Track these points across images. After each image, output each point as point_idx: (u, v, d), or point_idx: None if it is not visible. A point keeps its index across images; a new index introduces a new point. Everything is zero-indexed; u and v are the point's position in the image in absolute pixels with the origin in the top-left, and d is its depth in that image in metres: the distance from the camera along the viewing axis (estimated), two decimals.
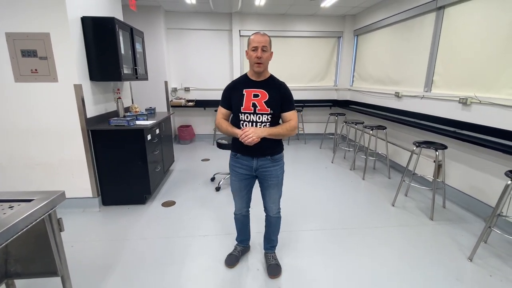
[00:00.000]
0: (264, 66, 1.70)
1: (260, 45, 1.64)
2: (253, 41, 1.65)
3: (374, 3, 4.83)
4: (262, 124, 1.72)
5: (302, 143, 6.02)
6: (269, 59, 1.72)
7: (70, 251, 2.24)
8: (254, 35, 1.67)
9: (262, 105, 1.70)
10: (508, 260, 2.17)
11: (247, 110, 1.71)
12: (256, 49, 1.64)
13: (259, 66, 1.68)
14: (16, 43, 2.46)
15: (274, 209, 1.96)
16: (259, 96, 1.71)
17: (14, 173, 2.76)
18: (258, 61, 1.66)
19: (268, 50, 1.68)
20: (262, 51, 1.64)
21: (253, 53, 1.65)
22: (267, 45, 1.66)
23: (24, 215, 1.09)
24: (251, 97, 1.71)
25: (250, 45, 1.67)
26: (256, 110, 1.70)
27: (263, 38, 1.65)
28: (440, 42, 3.41)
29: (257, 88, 1.73)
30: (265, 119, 1.72)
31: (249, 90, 1.73)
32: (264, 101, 1.70)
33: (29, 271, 1.35)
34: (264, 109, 1.70)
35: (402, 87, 4.19)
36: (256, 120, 1.72)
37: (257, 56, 1.64)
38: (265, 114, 1.71)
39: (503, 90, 2.66)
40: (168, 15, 5.45)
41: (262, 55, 1.65)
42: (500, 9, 2.67)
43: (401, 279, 1.97)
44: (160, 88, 5.44)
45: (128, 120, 2.87)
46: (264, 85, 1.74)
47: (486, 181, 2.79)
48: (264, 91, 1.72)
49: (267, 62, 1.70)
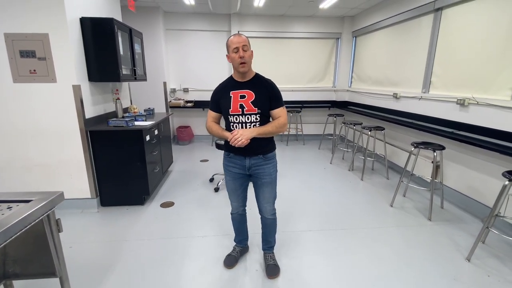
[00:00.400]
0: (248, 65, 1.71)
1: (240, 45, 1.65)
2: (233, 43, 1.66)
3: (372, 5, 4.86)
4: (252, 124, 1.73)
5: (300, 144, 6.03)
6: (251, 57, 1.73)
7: (68, 252, 2.24)
8: (231, 37, 1.69)
9: (249, 106, 1.71)
10: (505, 261, 2.18)
11: (235, 112, 1.73)
12: (237, 50, 1.65)
13: (243, 66, 1.69)
14: (15, 43, 2.46)
15: (269, 210, 1.96)
16: (245, 97, 1.72)
17: (12, 174, 2.76)
18: (242, 61, 1.67)
19: (249, 49, 1.69)
20: (243, 50, 1.66)
21: (235, 55, 1.66)
22: (247, 44, 1.68)
23: (22, 215, 1.09)
24: (238, 98, 1.73)
25: (230, 48, 1.67)
26: (244, 111, 1.72)
27: (241, 38, 1.67)
28: (438, 43, 3.43)
29: (243, 89, 1.74)
30: (254, 119, 1.73)
31: (235, 92, 1.74)
32: (251, 101, 1.71)
33: (28, 272, 1.35)
34: (251, 109, 1.71)
35: (400, 88, 4.21)
36: (245, 121, 1.73)
37: (240, 56, 1.65)
38: (253, 114, 1.72)
39: (500, 91, 2.67)
40: (167, 16, 5.46)
41: (244, 54, 1.66)
42: (497, 11, 2.69)
43: (399, 279, 1.98)
44: (158, 88, 5.44)
45: (126, 121, 2.86)
46: (250, 85, 1.75)
47: (484, 181, 2.81)
48: (250, 91, 1.73)
49: (250, 61, 1.71)
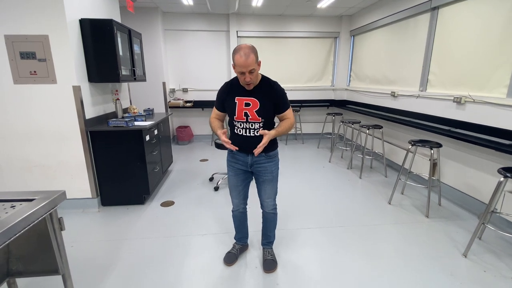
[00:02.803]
0: (254, 83, 1.72)
1: (247, 70, 1.58)
2: (239, 66, 1.57)
3: (370, 4, 4.88)
4: (256, 131, 1.78)
5: (300, 143, 6.06)
6: (258, 76, 1.72)
7: (70, 251, 2.26)
8: (237, 58, 1.56)
9: (253, 115, 1.74)
10: (502, 256, 2.21)
11: (239, 119, 1.77)
12: (243, 74, 1.60)
13: (249, 86, 1.71)
14: (15, 45, 2.48)
15: (270, 205, 1.99)
16: (250, 105, 1.74)
17: (12, 175, 2.78)
18: (247, 83, 1.67)
19: (256, 68, 1.62)
20: (250, 73, 1.60)
21: (241, 76, 1.63)
22: (254, 66, 1.59)
23: (25, 214, 1.11)
24: (243, 106, 1.75)
25: (236, 68, 1.60)
26: (248, 119, 1.76)
27: (248, 61, 1.55)
28: (435, 42, 3.46)
29: (248, 96, 1.75)
30: (257, 126, 1.78)
31: (240, 98, 1.76)
32: (255, 110, 1.73)
33: (31, 269, 1.37)
34: (255, 118, 1.75)
35: (398, 86, 4.24)
36: (249, 127, 1.79)
37: (246, 80, 1.64)
38: (257, 122, 1.76)
39: (496, 89, 2.70)
40: (165, 16, 5.48)
41: (251, 77, 1.62)
42: (492, 10, 2.72)
43: (397, 275, 2.01)
44: (158, 89, 5.46)
45: (126, 121, 2.89)
46: (255, 93, 1.74)
47: (480, 178, 2.84)
48: (256, 99, 1.73)
49: (256, 80, 1.71)
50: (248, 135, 1.80)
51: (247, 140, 1.80)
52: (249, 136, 1.80)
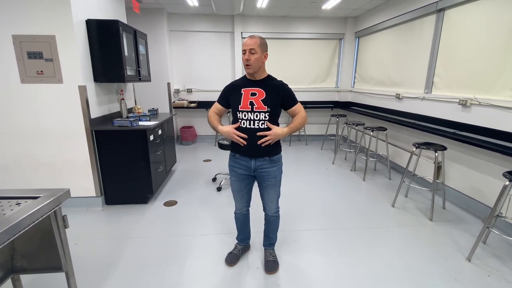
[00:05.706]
0: (254, 68, 1.73)
1: (248, 48, 1.69)
2: (243, 44, 1.73)
3: (375, 5, 4.86)
4: (260, 122, 1.75)
5: (303, 144, 6.04)
6: (260, 60, 1.74)
7: (73, 248, 2.27)
8: (246, 39, 1.74)
9: (259, 103, 1.74)
10: (506, 261, 2.18)
11: (244, 108, 1.75)
12: (244, 52, 1.71)
13: (248, 68, 1.74)
14: (23, 45, 2.52)
15: (273, 208, 1.99)
16: (256, 94, 1.76)
17: (19, 173, 2.82)
18: (246, 63, 1.72)
19: (257, 52, 1.70)
20: (250, 53, 1.69)
21: (243, 56, 1.73)
22: (255, 47, 1.69)
23: (30, 211, 1.13)
24: (249, 95, 1.76)
25: (242, 48, 1.74)
26: (254, 108, 1.74)
27: (251, 41, 1.70)
28: (441, 44, 3.43)
29: (254, 87, 1.77)
30: (263, 117, 1.75)
31: (246, 89, 1.78)
32: (261, 99, 1.74)
33: (35, 266, 1.39)
34: (261, 107, 1.73)
35: (403, 88, 4.21)
36: (254, 118, 1.75)
37: (245, 59, 1.71)
38: (263, 112, 1.74)
39: (502, 91, 2.67)
40: (171, 17, 5.51)
41: (250, 57, 1.69)
42: (499, 12, 2.69)
43: (400, 278, 1.99)
44: (162, 89, 5.49)
45: (131, 121, 2.91)
46: (261, 84, 1.78)
47: (485, 182, 2.80)
48: (262, 89, 1.76)
49: (256, 64, 1.72)
50: (252, 127, 1.75)
51: (252, 134, 1.75)
52: (253, 128, 1.75)
